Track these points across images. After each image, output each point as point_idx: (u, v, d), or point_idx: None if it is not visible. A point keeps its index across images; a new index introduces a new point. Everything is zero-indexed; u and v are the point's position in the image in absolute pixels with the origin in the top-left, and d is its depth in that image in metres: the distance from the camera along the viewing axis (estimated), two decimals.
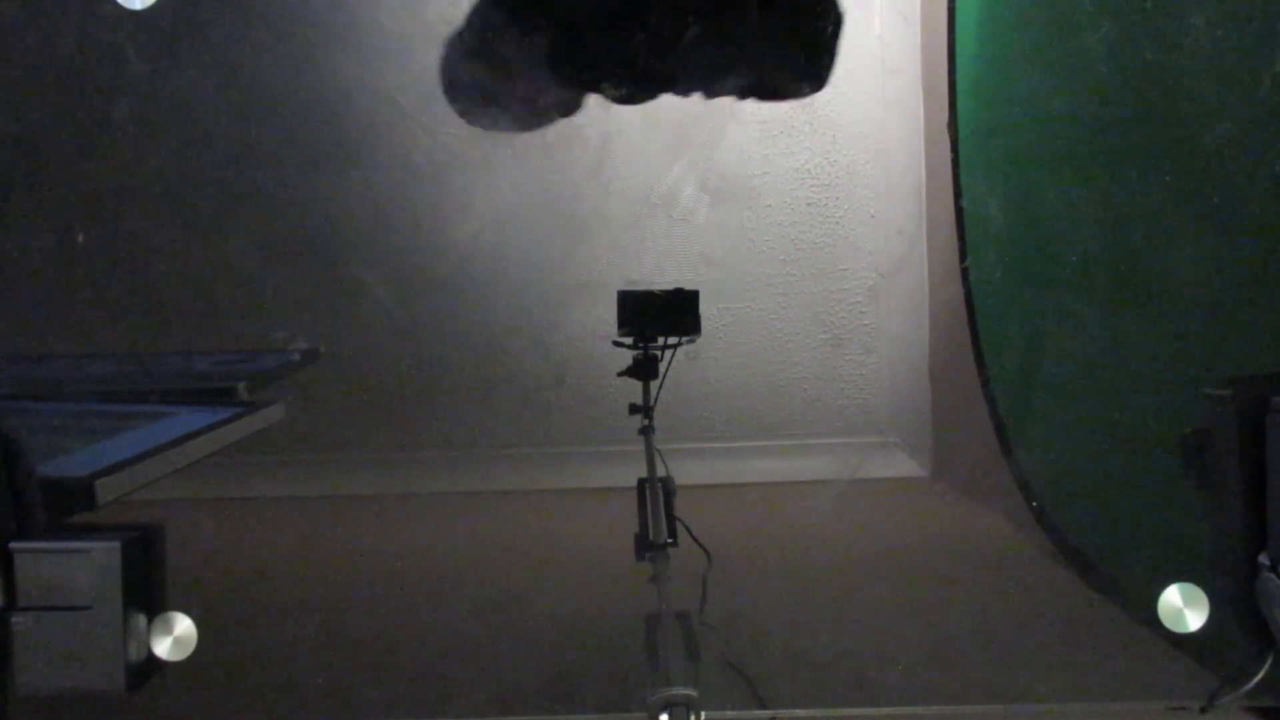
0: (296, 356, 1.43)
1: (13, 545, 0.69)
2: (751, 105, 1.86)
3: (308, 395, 1.56)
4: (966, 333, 1.60)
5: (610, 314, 1.13)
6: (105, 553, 0.69)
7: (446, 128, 1.29)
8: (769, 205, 1.84)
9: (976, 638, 1.14)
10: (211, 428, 1.06)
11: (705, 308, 1.12)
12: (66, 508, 0.83)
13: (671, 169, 1.54)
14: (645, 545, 0.93)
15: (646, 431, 1.10)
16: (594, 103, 1.20)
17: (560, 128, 1.15)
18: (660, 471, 1.04)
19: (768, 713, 0.93)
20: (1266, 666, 0.73)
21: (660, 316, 1.12)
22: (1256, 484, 0.72)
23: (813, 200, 1.85)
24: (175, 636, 0.74)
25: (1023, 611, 1.23)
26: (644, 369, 1.12)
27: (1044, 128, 1.37)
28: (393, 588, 1.34)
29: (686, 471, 1.08)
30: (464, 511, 1.65)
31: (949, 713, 0.96)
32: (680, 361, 1.15)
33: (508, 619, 1.21)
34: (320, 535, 1.55)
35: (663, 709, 0.69)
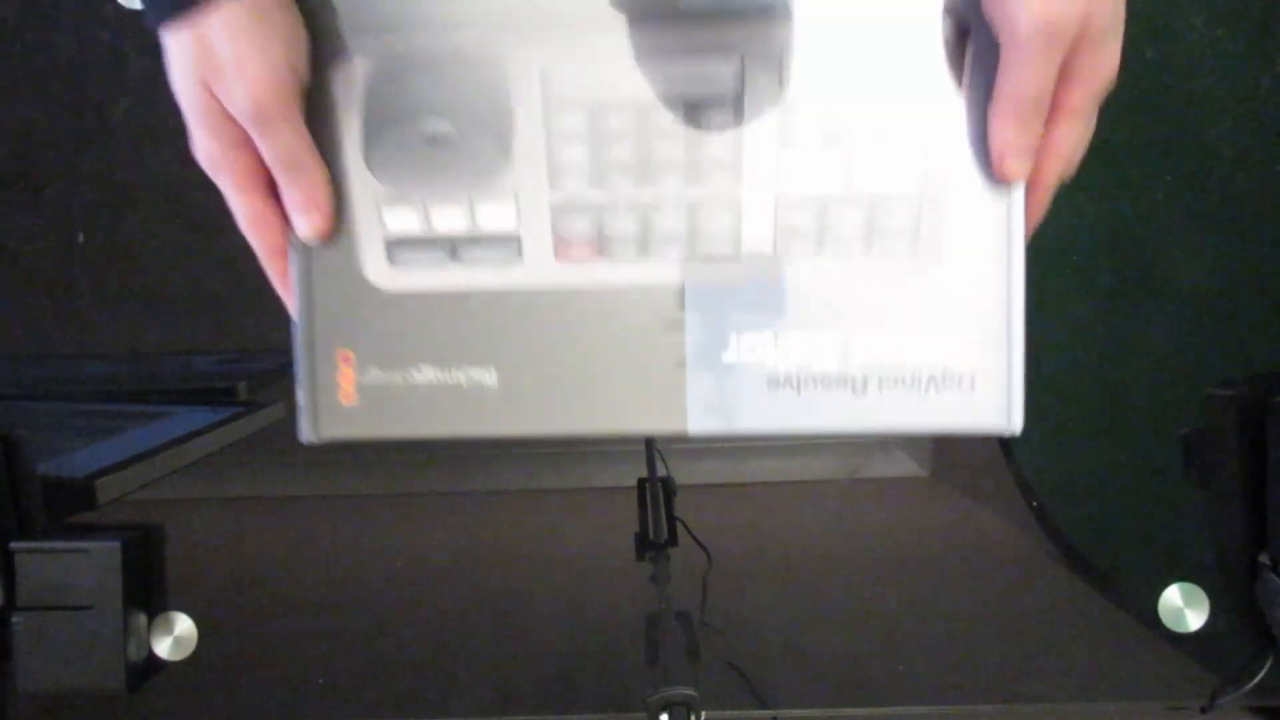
0: None
1: (13, 545, 0.69)
2: None
3: None
4: None
5: None
6: (105, 553, 0.69)
7: None
8: None
9: (976, 638, 1.14)
10: (211, 428, 1.06)
11: None
12: (66, 508, 0.83)
13: None
14: (645, 545, 0.93)
15: None
16: None
17: None
18: (660, 471, 1.04)
19: (768, 713, 0.93)
20: (1267, 666, 0.73)
21: None
22: (1257, 484, 0.72)
23: None
24: (175, 636, 0.74)
25: (1023, 611, 1.23)
26: None
27: None
28: (393, 588, 1.34)
29: (686, 471, 1.09)
30: (464, 511, 1.65)
31: (949, 713, 0.96)
32: None
33: (508, 619, 1.21)
34: (320, 535, 1.55)
35: (663, 709, 0.69)
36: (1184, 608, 0.77)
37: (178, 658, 0.74)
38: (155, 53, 0.40)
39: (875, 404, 0.44)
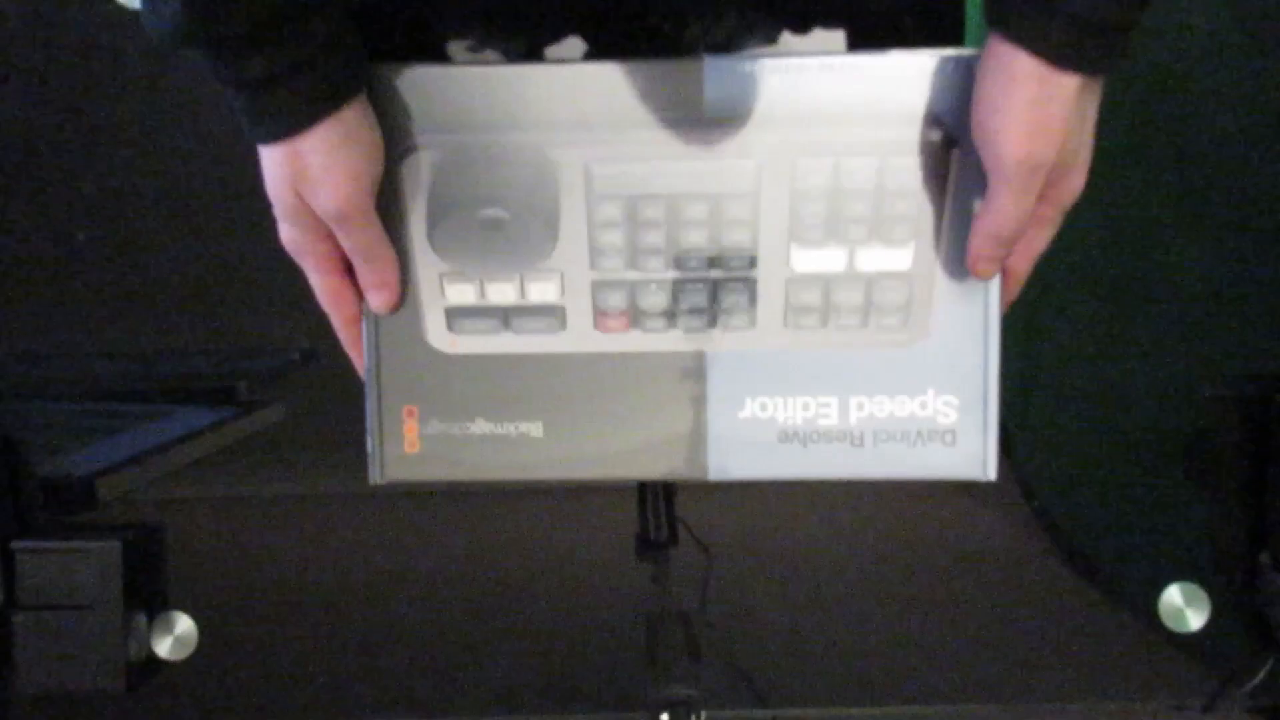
0: (296, 356, 1.43)
1: (13, 545, 0.69)
2: None
3: (308, 395, 1.56)
4: None
5: None
6: (105, 552, 0.70)
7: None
8: None
9: (976, 637, 1.15)
10: (211, 428, 1.06)
11: None
12: (66, 507, 0.83)
13: None
14: (645, 545, 0.93)
15: None
16: None
17: None
18: None
19: (768, 712, 0.94)
20: (1267, 667, 0.73)
21: None
22: (1257, 484, 0.72)
23: None
24: (175, 636, 0.74)
25: (1023, 611, 1.23)
26: None
27: None
28: (393, 587, 1.34)
29: None
30: (464, 511, 1.66)
31: (949, 712, 0.97)
32: None
33: (508, 619, 1.21)
34: (320, 535, 1.55)
35: (663, 709, 0.69)
36: (1184, 608, 0.77)
37: (178, 658, 0.74)
38: (155, 53, 0.41)
39: (871, 455, 0.51)
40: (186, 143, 1.59)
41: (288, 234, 0.48)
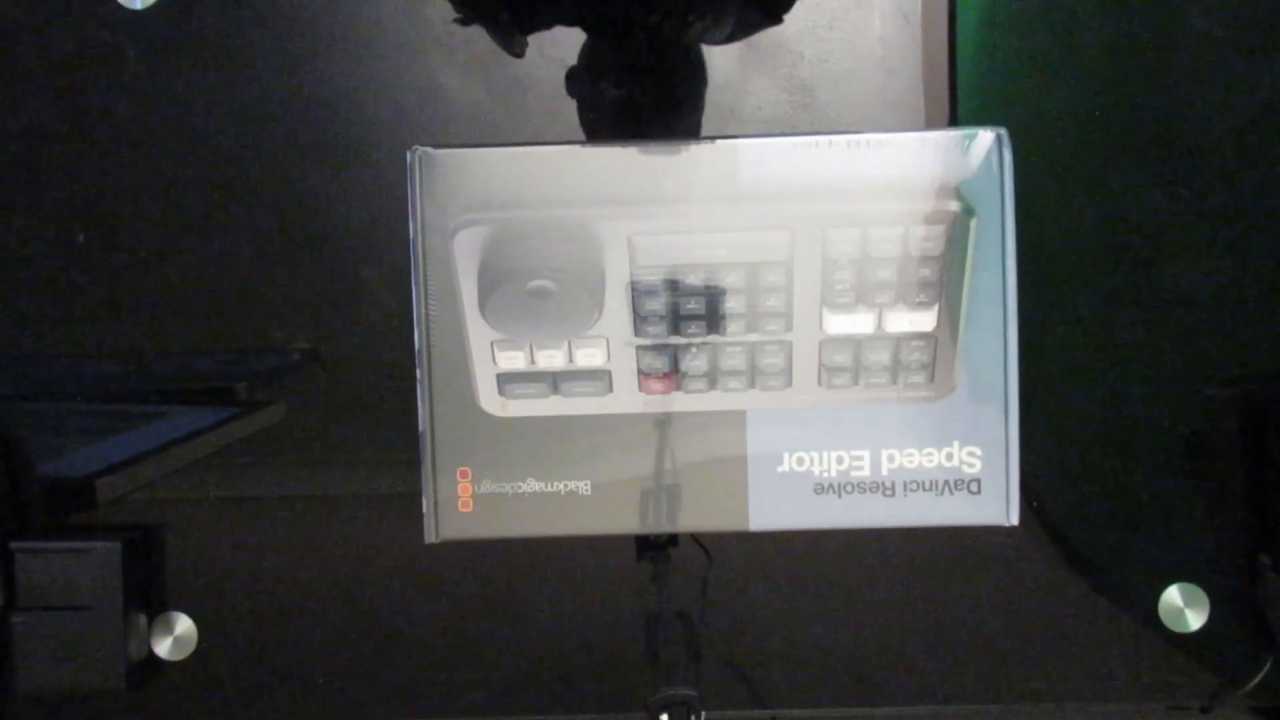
0: (296, 356, 1.43)
1: (13, 545, 0.69)
2: (752, 106, 1.86)
3: (308, 395, 1.56)
4: None
5: None
6: (105, 553, 0.70)
7: (445, 126, 1.30)
8: None
9: (977, 638, 1.14)
10: (211, 428, 1.07)
11: None
12: (66, 508, 0.83)
13: None
14: (645, 545, 0.93)
15: None
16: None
17: (559, 129, 1.16)
18: None
19: (768, 713, 0.94)
20: (1267, 667, 0.73)
21: None
22: (1257, 484, 0.72)
23: None
24: (175, 636, 0.74)
25: (1022, 611, 1.23)
26: None
27: (1044, 128, 1.37)
28: (393, 587, 1.34)
29: None
30: None
31: (949, 712, 0.97)
32: None
33: (507, 619, 1.21)
34: (320, 535, 1.55)
35: (663, 709, 0.70)
36: (1184, 608, 0.77)
37: (178, 658, 0.74)
38: (155, 53, 0.41)
39: (901, 504, 0.55)
40: (187, 143, 1.59)
41: None
